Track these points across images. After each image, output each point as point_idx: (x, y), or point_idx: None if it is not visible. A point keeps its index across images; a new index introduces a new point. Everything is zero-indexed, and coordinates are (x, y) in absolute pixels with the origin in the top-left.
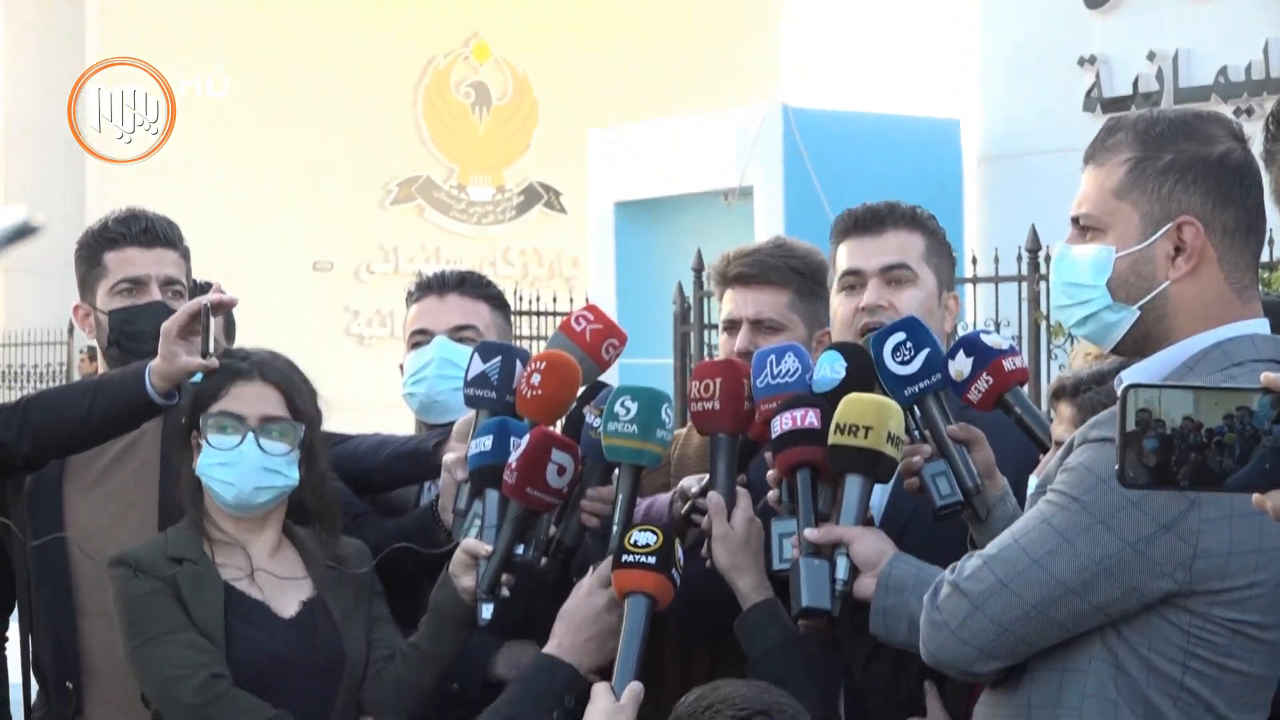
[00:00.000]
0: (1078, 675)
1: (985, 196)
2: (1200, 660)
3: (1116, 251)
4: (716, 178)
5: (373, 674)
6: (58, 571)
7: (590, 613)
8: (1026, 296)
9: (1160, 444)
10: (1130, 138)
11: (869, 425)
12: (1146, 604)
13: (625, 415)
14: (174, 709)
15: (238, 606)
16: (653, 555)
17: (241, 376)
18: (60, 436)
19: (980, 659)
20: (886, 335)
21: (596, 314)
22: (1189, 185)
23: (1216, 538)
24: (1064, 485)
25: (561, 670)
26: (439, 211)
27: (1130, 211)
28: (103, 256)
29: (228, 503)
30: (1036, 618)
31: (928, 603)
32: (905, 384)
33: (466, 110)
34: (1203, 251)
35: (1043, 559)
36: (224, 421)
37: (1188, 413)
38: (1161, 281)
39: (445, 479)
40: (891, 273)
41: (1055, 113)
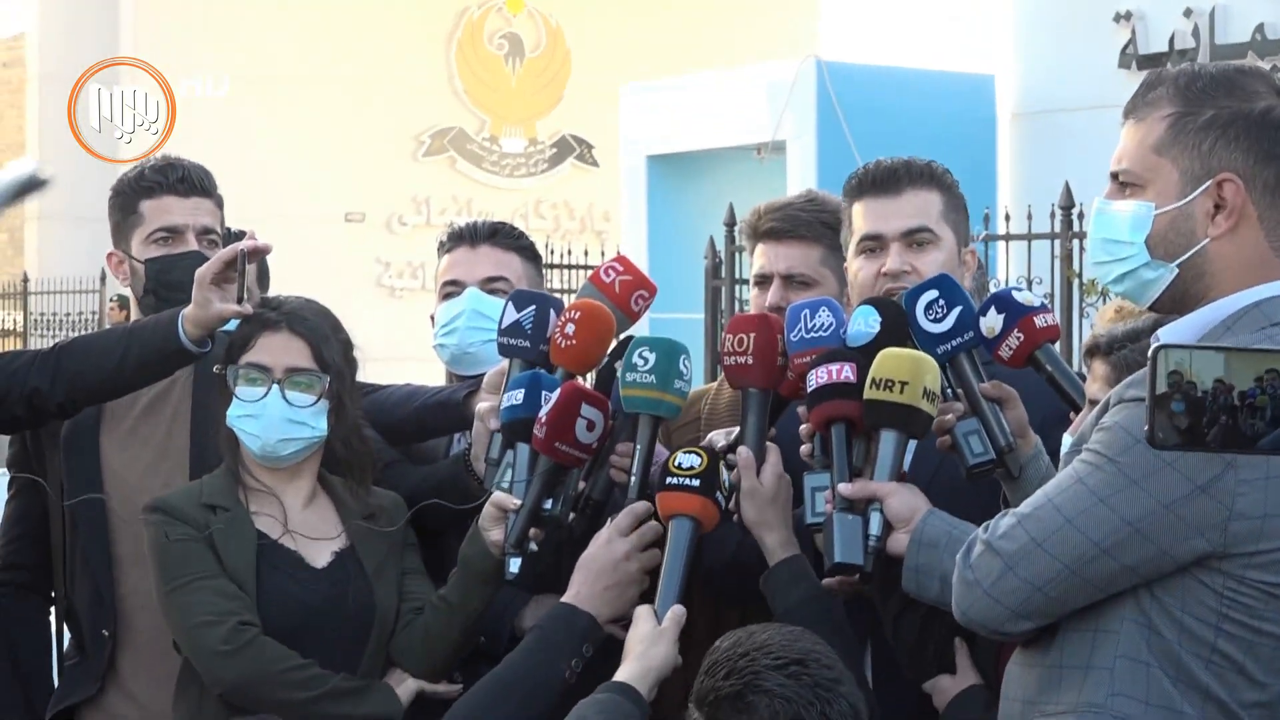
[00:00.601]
0: (1110, 636)
1: (1019, 153)
2: (1233, 623)
3: (1156, 208)
4: (749, 132)
5: (402, 626)
6: (95, 520)
7: (609, 562)
8: (1059, 254)
9: (1188, 406)
10: (1171, 93)
11: (905, 380)
12: (1180, 565)
13: (643, 366)
14: (202, 655)
15: (270, 555)
16: (696, 478)
17: (269, 327)
18: (94, 383)
19: (1012, 619)
20: (919, 293)
21: (626, 265)
22: (1230, 141)
23: (1252, 500)
24: (1099, 445)
25: (580, 619)
26: (471, 163)
27: (1170, 168)
28: (139, 204)
29: (255, 454)
30: (1069, 578)
31: (960, 561)
32: (938, 341)
33: (500, 62)
34: (1243, 209)
35: (1076, 519)
36: (251, 373)
37: (1219, 374)
38: (1201, 239)
39: (478, 428)
40: (913, 236)
41: (1090, 69)
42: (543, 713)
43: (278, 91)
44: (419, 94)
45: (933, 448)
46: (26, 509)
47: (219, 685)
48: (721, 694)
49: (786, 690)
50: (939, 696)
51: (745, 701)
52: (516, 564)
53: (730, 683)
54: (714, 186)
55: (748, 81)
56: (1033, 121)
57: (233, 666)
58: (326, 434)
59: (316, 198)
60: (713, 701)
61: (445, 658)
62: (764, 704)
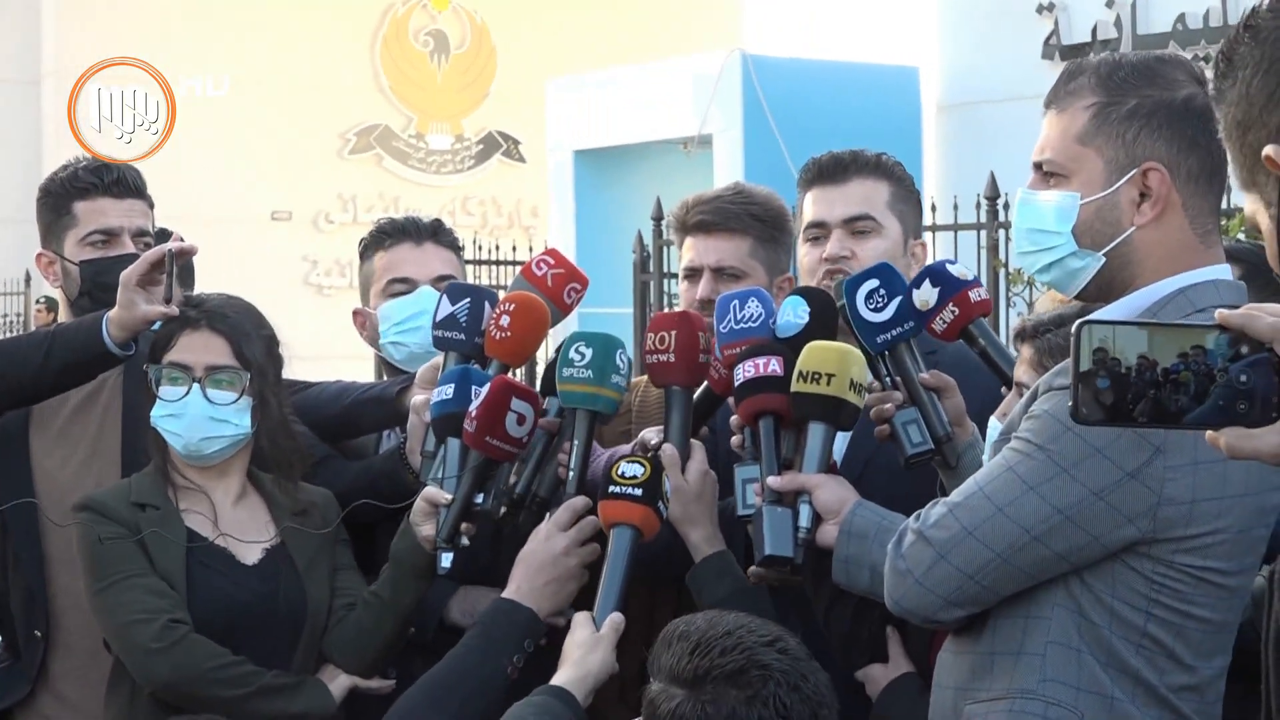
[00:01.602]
0: (1041, 622)
1: (944, 144)
2: (1163, 607)
3: (1081, 198)
4: (676, 126)
5: (335, 621)
6: (26, 521)
7: (548, 557)
8: (985, 244)
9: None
10: (1093, 82)
11: (831, 373)
12: (1110, 552)
13: (580, 361)
14: (133, 653)
15: (200, 553)
16: (639, 487)
17: (190, 326)
18: (16, 386)
19: (945, 607)
20: (860, 282)
21: (557, 258)
22: (1154, 131)
23: (1180, 485)
24: (1029, 433)
25: (521, 614)
26: (398, 160)
27: (1095, 158)
28: (72, 205)
29: (179, 453)
30: (1001, 565)
31: (892, 550)
32: (878, 331)
33: (425, 58)
34: (1168, 197)
35: (1007, 507)
36: (172, 372)
37: (1142, 350)
38: (1127, 228)
39: (413, 421)
40: (855, 223)
41: (1014, 60)
42: (486, 708)
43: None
44: (344, 91)
45: (868, 439)
46: None
47: (151, 683)
48: (725, 671)
49: (782, 663)
50: (871, 685)
51: (749, 676)
52: (448, 559)
53: (730, 660)
54: (641, 181)
55: (673, 75)
56: (958, 113)
57: (164, 664)
58: (251, 431)
59: (243, 196)
60: (714, 679)
61: (378, 653)
62: (767, 677)
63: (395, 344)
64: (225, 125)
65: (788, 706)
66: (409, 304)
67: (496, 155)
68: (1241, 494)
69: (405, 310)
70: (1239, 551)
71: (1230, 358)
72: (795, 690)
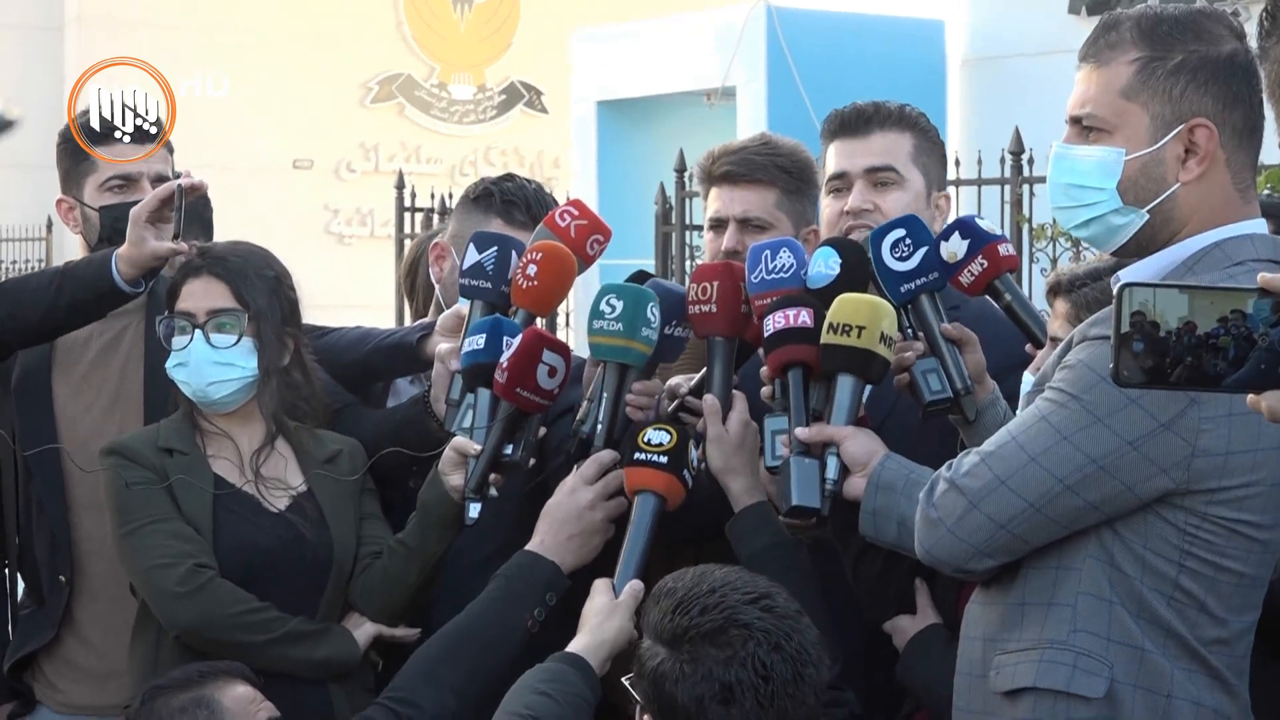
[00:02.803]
0: (1072, 573)
1: (968, 99)
2: (1196, 559)
3: (1126, 153)
4: (699, 77)
5: (361, 569)
6: (50, 467)
7: (573, 510)
8: (1009, 199)
9: (1150, 346)
10: (1134, 36)
11: (862, 325)
12: (1144, 502)
13: (610, 314)
14: (158, 596)
15: (227, 499)
16: (664, 454)
17: (193, 273)
18: (27, 324)
19: (976, 556)
20: (886, 231)
21: (581, 209)
22: (1200, 86)
23: (1215, 436)
24: (1063, 383)
25: (543, 568)
26: (420, 110)
27: (1140, 113)
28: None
29: (193, 401)
30: (1033, 515)
31: (923, 500)
32: (902, 280)
33: (448, 8)
34: (1213, 154)
35: (1040, 456)
36: (178, 321)
37: (1182, 314)
38: (1171, 184)
39: (438, 369)
40: (876, 175)
41: (1040, 14)
42: (503, 661)
43: (226, 40)
44: (367, 40)
45: (888, 391)
46: None
47: (175, 627)
48: (702, 630)
49: (764, 622)
50: (899, 636)
51: (728, 636)
52: (476, 509)
53: (709, 618)
54: (664, 132)
55: (697, 27)
56: (982, 67)
57: (189, 608)
58: (258, 372)
59: (264, 145)
60: (693, 639)
61: (403, 601)
62: (746, 636)
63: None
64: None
65: (768, 666)
66: None
67: (519, 106)
68: (1276, 446)
69: None
70: (1272, 505)
71: (1272, 322)
72: (777, 650)
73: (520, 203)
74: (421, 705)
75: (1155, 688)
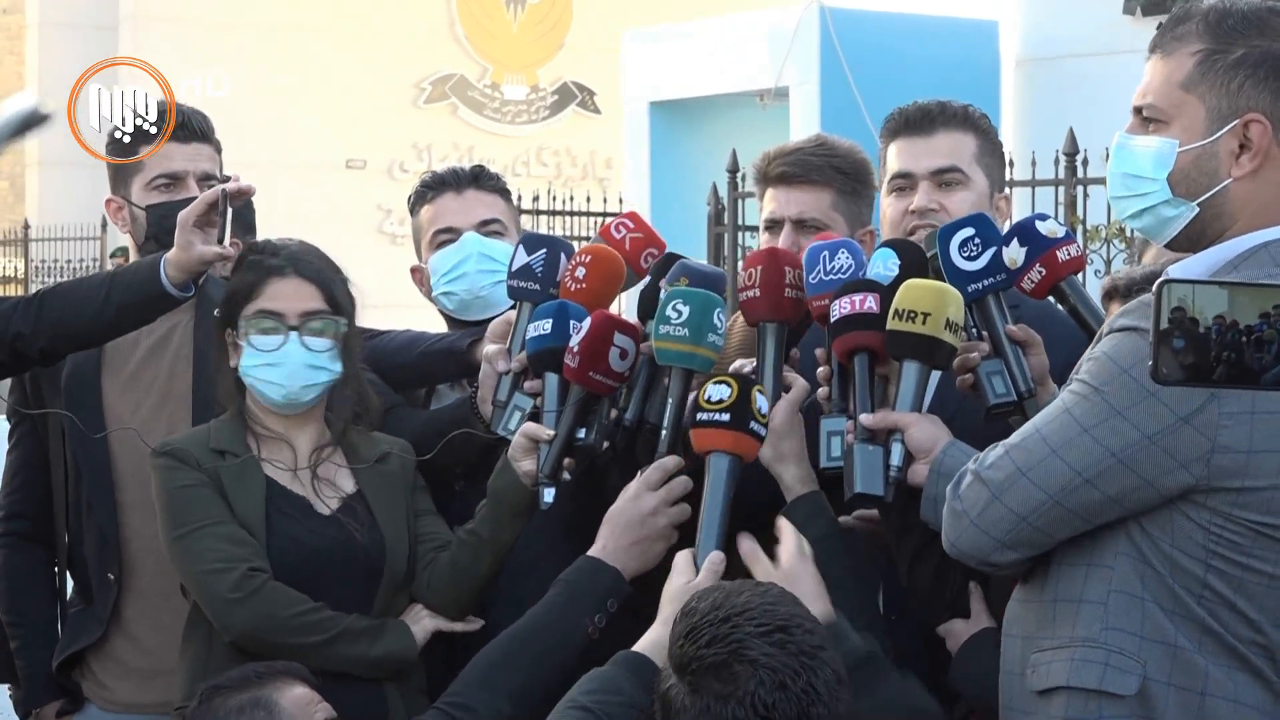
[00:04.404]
0: (1103, 570)
1: (1023, 99)
2: (1222, 559)
3: (1180, 145)
4: (752, 78)
5: (424, 565)
6: (99, 464)
7: (636, 516)
8: (1063, 201)
9: (1189, 342)
10: (1200, 29)
11: (928, 311)
12: (1166, 498)
13: (677, 319)
14: (212, 602)
15: (279, 501)
16: (726, 411)
17: (276, 273)
18: (76, 328)
19: (999, 549)
20: (955, 229)
21: (637, 222)
22: (1259, 82)
23: (1236, 433)
24: (1087, 375)
25: (605, 574)
26: (472, 110)
27: (1196, 105)
28: (138, 151)
29: (275, 402)
30: (1054, 508)
31: (950, 492)
32: (969, 280)
33: (501, 8)
34: (1268, 150)
35: (1061, 449)
36: (264, 322)
37: (1221, 310)
38: (1224, 179)
39: (485, 370)
40: (942, 175)
41: (1095, 15)
42: (563, 667)
43: (280, 37)
44: (420, 41)
45: (953, 391)
46: (27, 457)
47: (230, 632)
48: (705, 662)
49: (772, 659)
50: (952, 640)
51: (731, 671)
52: (551, 494)
53: (714, 651)
54: (717, 133)
55: (750, 27)
56: (1037, 67)
57: (244, 613)
58: (340, 374)
59: (318, 144)
60: (696, 670)
61: (474, 592)
62: (750, 674)
63: (446, 294)
64: (304, 72)
65: (769, 706)
66: (453, 253)
67: (571, 106)
68: None
69: (450, 260)
70: None
71: None
72: (781, 689)
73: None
74: (477, 710)
75: (1189, 685)
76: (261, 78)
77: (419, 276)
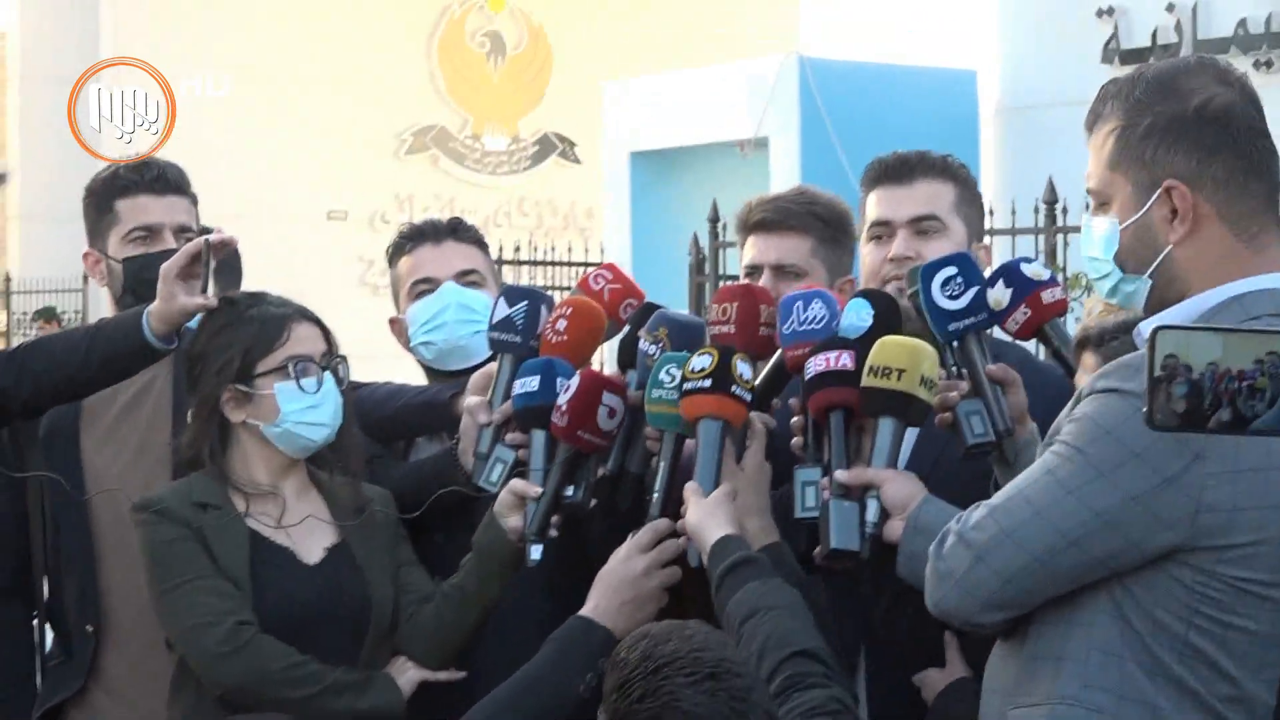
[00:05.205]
0: (1083, 628)
1: (1002, 148)
2: (1204, 617)
3: (1120, 224)
4: (732, 128)
5: (407, 617)
6: (78, 518)
7: (628, 577)
8: (1043, 249)
9: (1190, 389)
10: (1115, 105)
11: (902, 368)
12: (1149, 558)
13: (670, 383)
14: (201, 656)
15: (263, 553)
16: (707, 378)
17: (291, 319)
18: (58, 382)
19: (983, 610)
20: (937, 268)
21: (615, 273)
22: (1169, 147)
23: (1220, 492)
24: (1069, 436)
25: (596, 633)
26: (453, 161)
27: (1123, 181)
28: (114, 204)
29: (310, 445)
30: (1038, 569)
31: (933, 552)
32: (950, 319)
33: (481, 60)
34: (1197, 210)
35: (1045, 510)
36: (303, 365)
37: (1215, 357)
38: (1164, 247)
39: (466, 422)
40: (920, 224)
41: (1073, 64)
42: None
43: (258, 90)
44: (401, 92)
45: (938, 434)
46: (4, 510)
47: (219, 687)
48: (639, 718)
49: (703, 708)
50: (928, 689)
51: None
52: (538, 550)
53: (646, 706)
54: (697, 182)
55: (730, 78)
56: (1016, 117)
57: (233, 667)
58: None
59: (299, 195)
60: None
61: (458, 645)
62: None
63: (424, 344)
64: (284, 123)
65: None
66: (431, 303)
67: (552, 156)
68: None
69: (429, 310)
70: None
71: None
72: None
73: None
74: None
75: None
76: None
77: (397, 327)
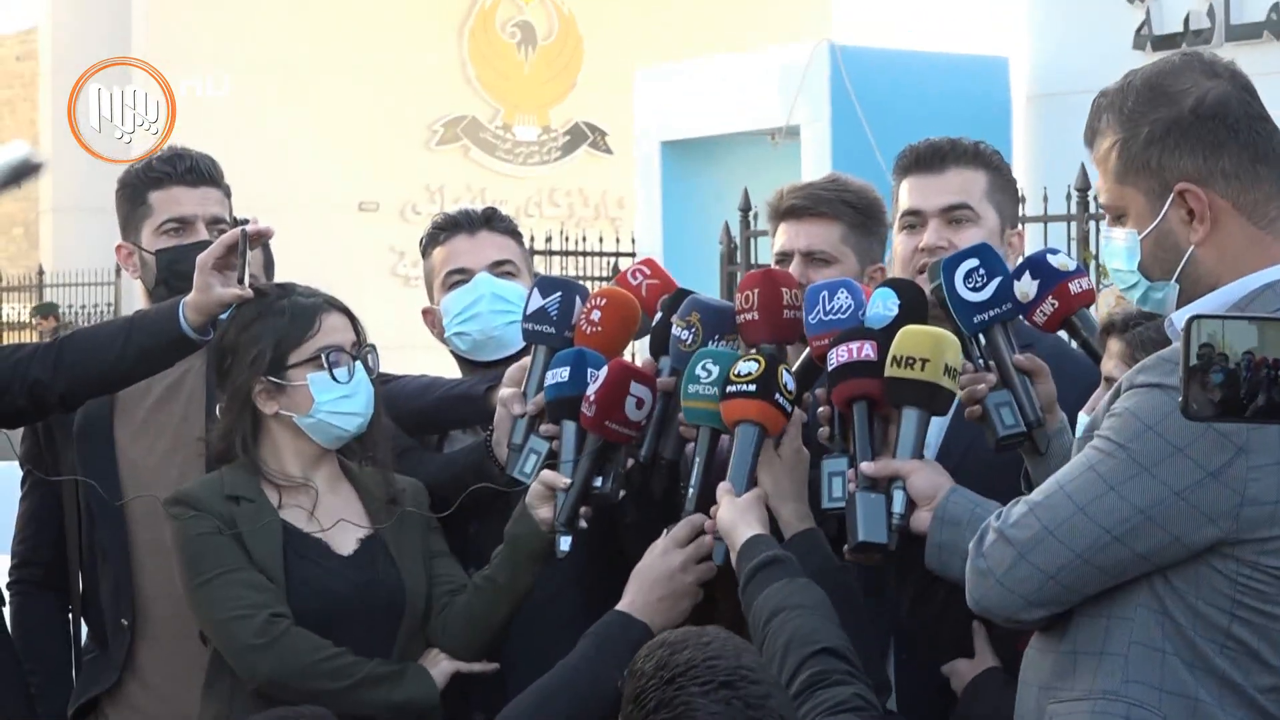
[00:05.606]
0: (1124, 622)
1: (1034, 135)
2: (1247, 608)
3: (1139, 234)
4: (763, 117)
5: (439, 608)
6: (112, 511)
7: (664, 572)
8: (1076, 236)
9: (1226, 378)
10: (1110, 119)
11: (925, 358)
12: (1193, 552)
13: (707, 378)
14: (235, 649)
15: (296, 545)
16: (753, 383)
17: (321, 310)
18: (95, 374)
19: (1026, 607)
20: (959, 260)
21: (653, 268)
22: (1173, 151)
23: (1264, 485)
24: (1110, 431)
25: (634, 629)
26: (484, 152)
27: (1134, 193)
28: (147, 196)
29: (344, 435)
30: (1082, 565)
31: (973, 550)
32: (975, 311)
33: (512, 50)
34: (1213, 207)
35: (1088, 506)
36: (335, 355)
37: (1251, 345)
38: (1187, 248)
39: (500, 413)
40: (952, 213)
41: (1105, 51)
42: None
43: (291, 81)
44: (432, 83)
45: (967, 425)
46: (40, 505)
47: (254, 679)
48: None
49: (718, 718)
50: (956, 680)
51: None
52: (567, 542)
53: (661, 717)
54: (728, 172)
55: (761, 66)
56: (1047, 103)
57: (267, 660)
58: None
59: (330, 187)
60: None
61: (490, 636)
62: None
63: (459, 334)
64: (316, 115)
65: None
66: (466, 294)
67: (583, 146)
68: None
69: (463, 301)
70: None
71: None
72: None
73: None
74: None
75: None
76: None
77: (431, 318)
